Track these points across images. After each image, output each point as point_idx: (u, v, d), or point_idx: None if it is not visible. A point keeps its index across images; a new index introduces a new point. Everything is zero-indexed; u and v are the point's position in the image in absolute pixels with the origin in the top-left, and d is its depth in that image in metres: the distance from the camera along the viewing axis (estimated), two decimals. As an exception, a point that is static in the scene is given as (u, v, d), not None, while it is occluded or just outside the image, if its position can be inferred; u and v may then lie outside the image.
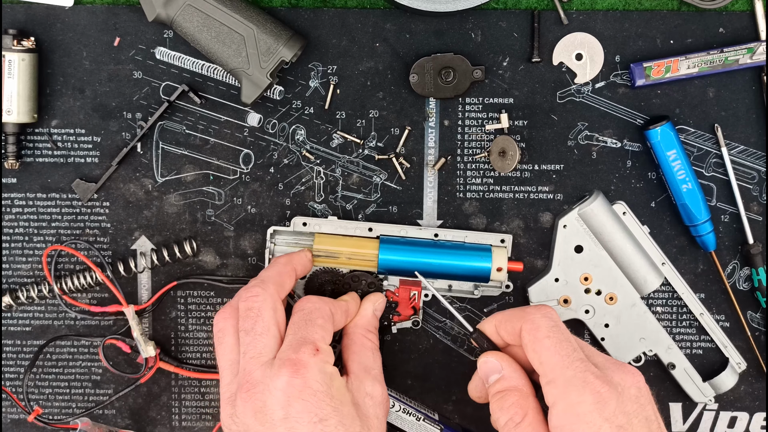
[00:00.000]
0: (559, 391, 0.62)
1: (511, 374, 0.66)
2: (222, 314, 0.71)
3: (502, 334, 0.69)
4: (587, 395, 0.61)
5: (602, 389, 0.61)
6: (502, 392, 0.66)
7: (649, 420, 0.62)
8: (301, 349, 0.65)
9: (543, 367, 0.64)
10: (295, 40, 0.76)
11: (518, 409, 0.64)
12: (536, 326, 0.65)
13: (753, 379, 0.83)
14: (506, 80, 0.80)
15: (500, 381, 0.66)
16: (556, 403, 0.62)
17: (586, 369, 0.62)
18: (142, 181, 0.81)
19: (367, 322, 0.75)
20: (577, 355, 0.63)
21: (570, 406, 0.61)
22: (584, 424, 0.60)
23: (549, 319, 0.66)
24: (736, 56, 0.78)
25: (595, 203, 0.79)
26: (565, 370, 0.62)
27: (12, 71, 0.77)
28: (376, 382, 0.70)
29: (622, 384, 0.63)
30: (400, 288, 0.80)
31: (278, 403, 0.63)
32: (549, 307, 0.67)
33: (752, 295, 0.82)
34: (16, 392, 0.83)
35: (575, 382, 0.62)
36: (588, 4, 0.79)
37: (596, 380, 0.62)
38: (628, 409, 0.61)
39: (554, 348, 0.64)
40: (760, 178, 0.81)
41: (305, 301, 0.71)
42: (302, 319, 0.69)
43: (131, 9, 0.79)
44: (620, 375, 0.63)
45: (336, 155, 0.81)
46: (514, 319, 0.67)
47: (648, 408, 0.63)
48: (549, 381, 0.63)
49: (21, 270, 0.82)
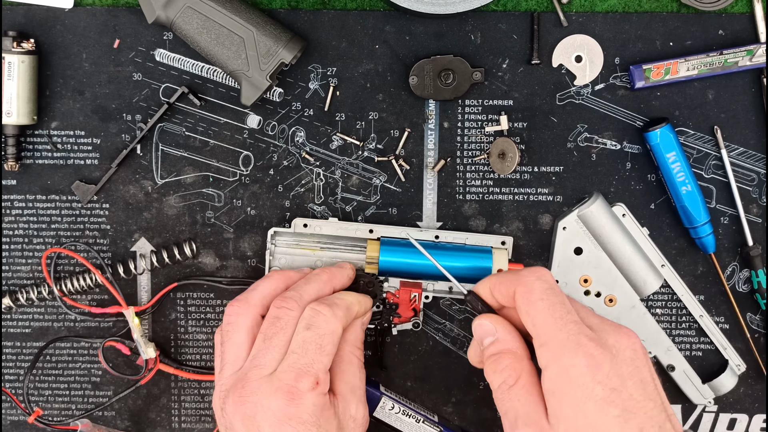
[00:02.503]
0: (551, 354, 0.61)
1: (505, 336, 0.65)
2: (235, 308, 0.71)
3: (497, 297, 0.67)
4: (580, 358, 0.60)
5: (595, 351, 0.60)
6: (496, 355, 0.65)
7: (645, 382, 0.61)
8: (302, 380, 0.65)
9: (536, 330, 0.62)
10: (294, 42, 0.76)
11: (511, 372, 0.63)
12: (530, 289, 0.64)
13: (752, 381, 0.83)
14: (506, 82, 0.80)
15: (494, 344, 0.65)
16: (548, 366, 0.61)
17: (580, 331, 0.61)
18: (141, 182, 0.81)
19: (355, 337, 0.73)
20: (570, 318, 0.62)
21: (562, 368, 0.60)
22: (576, 387, 0.59)
23: (543, 281, 0.64)
24: (736, 58, 0.78)
25: (594, 205, 0.79)
26: (558, 333, 0.61)
27: (12, 73, 0.77)
28: (360, 404, 0.70)
29: (616, 346, 0.61)
30: (401, 290, 0.80)
31: (267, 422, 0.64)
32: (544, 269, 0.66)
33: (752, 297, 0.82)
34: (16, 394, 0.83)
35: (568, 344, 0.60)
36: (587, 6, 0.79)
37: (589, 342, 0.60)
38: (622, 372, 0.60)
39: (548, 310, 0.62)
40: (760, 180, 0.81)
41: (324, 318, 0.69)
42: (314, 341, 0.67)
43: (131, 11, 0.79)
44: (615, 337, 0.62)
45: (336, 157, 0.81)
46: (509, 281, 0.66)
47: (644, 370, 0.62)
48: (542, 343, 0.62)
49: (21, 272, 0.82)
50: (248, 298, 0.72)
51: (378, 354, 0.83)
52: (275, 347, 0.68)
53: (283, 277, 0.74)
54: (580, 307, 0.66)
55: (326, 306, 0.69)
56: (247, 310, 0.71)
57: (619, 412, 0.58)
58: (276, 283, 0.73)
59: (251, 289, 0.73)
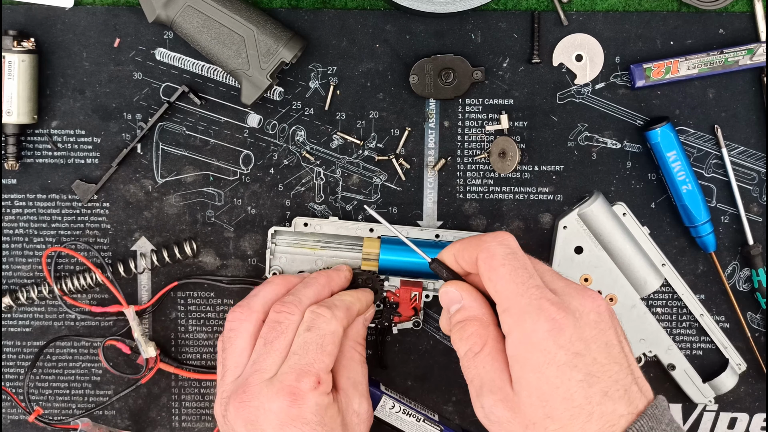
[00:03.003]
0: (514, 320, 0.59)
1: (471, 303, 0.64)
2: (237, 314, 0.71)
3: (461, 263, 0.66)
4: (542, 322, 0.58)
5: (557, 315, 0.58)
6: (462, 322, 0.63)
7: (609, 345, 0.59)
8: (304, 380, 0.65)
9: (498, 296, 0.61)
10: (295, 41, 0.76)
11: (477, 339, 0.62)
12: (492, 254, 0.62)
13: (753, 380, 0.83)
14: (506, 81, 0.80)
15: (460, 311, 0.64)
16: (511, 332, 0.60)
17: (542, 296, 0.60)
18: (142, 182, 0.81)
19: (356, 333, 0.74)
20: (532, 282, 0.60)
21: (525, 334, 0.59)
22: (538, 352, 0.58)
23: (505, 246, 0.63)
24: (736, 57, 0.78)
25: (595, 204, 0.79)
26: (519, 298, 0.60)
27: (12, 72, 0.77)
28: (363, 399, 0.70)
29: (580, 309, 0.60)
30: (401, 289, 0.80)
31: (270, 424, 0.64)
32: (506, 234, 0.64)
33: (752, 296, 0.82)
34: (16, 393, 0.83)
35: (530, 309, 0.59)
36: (588, 5, 0.79)
37: (551, 306, 0.59)
38: (585, 335, 0.59)
39: (509, 276, 0.61)
40: (760, 179, 0.81)
41: (324, 320, 0.69)
42: (315, 341, 0.68)
43: (131, 10, 0.79)
44: (579, 300, 0.60)
45: (336, 156, 0.81)
46: (471, 247, 0.64)
47: (609, 333, 0.60)
48: (504, 309, 0.60)
49: (21, 271, 0.82)
50: (250, 303, 0.72)
51: (378, 353, 0.83)
52: (276, 351, 0.68)
53: (284, 281, 0.74)
54: (546, 270, 0.64)
55: (326, 308, 0.70)
56: (249, 316, 0.71)
57: (582, 377, 0.57)
58: (277, 288, 0.73)
59: (252, 295, 0.73)
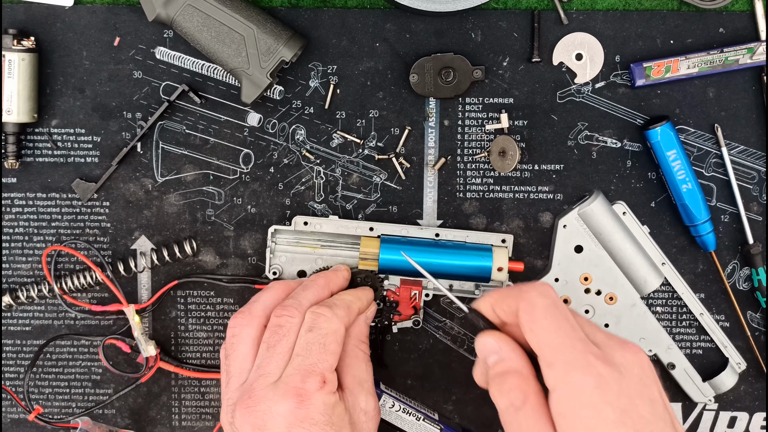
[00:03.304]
0: (559, 375, 0.58)
1: (510, 355, 0.62)
2: (239, 320, 0.71)
3: (499, 314, 0.64)
4: (588, 378, 0.57)
5: (603, 371, 0.57)
6: (501, 374, 0.61)
7: (654, 401, 0.59)
8: (309, 380, 0.65)
9: (542, 349, 0.60)
10: (295, 40, 0.76)
11: (519, 393, 0.60)
12: (533, 305, 0.61)
13: (753, 379, 0.83)
14: (506, 80, 0.80)
15: (499, 363, 0.62)
16: (556, 388, 0.58)
17: (587, 350, 0.59)
18: (142, 180, 0.81)
19: (359, 332, 0.74)
20: (576, 335, 0.60)
21: (571, 390, 0.57)
22: (586, 409, 0.57)
23: (546, 297, 0.61)
24: (736, 56, 0.78)
25: (595, 203, 0.79)
26: (564, 352, 0.59)
27: (12, 71, 0.77)
28: (370, 396, 0.70)
29: (624, 363, 0.59)
30: (401, 287, 0.80)
31: (279, 427, 0.64)
32: (546, 285, 0.63)
33: (752, 295, 0.82)
34: (16, 391, 0.83)
35: (576, 364, 0.58)
36: (588, 4, 0.79)
37: (597, 361, 0.58)
38: (631, 391, 0.58)
39: (553, 328, 0.60)
40: (760, 178, 0.81)
41: (325, 319, 0.69)
42: (317, 341, 0.67)
43: (131, 9, 0.79)
44: (622, 353, 0.60)
45: (336, 155, 0.81)
46: (510, 297, 0.63)
47: (652, 388, 0.60)
48: (549, 364, 0.59)
49: (21, 270, 0.82)
50: (251, 309, 0.72)
51: (378, 352, 0.83)
52: (279, 354, 0.67)
53: (284, 287, 0.74)
54: (585, 323, 0.63)
55: (326, 308, 0.70)
56: (251, 321, 0.70)
57: None
58: (278, 294, 0.73)
59: (253, 301, 0.73)
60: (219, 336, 0.84)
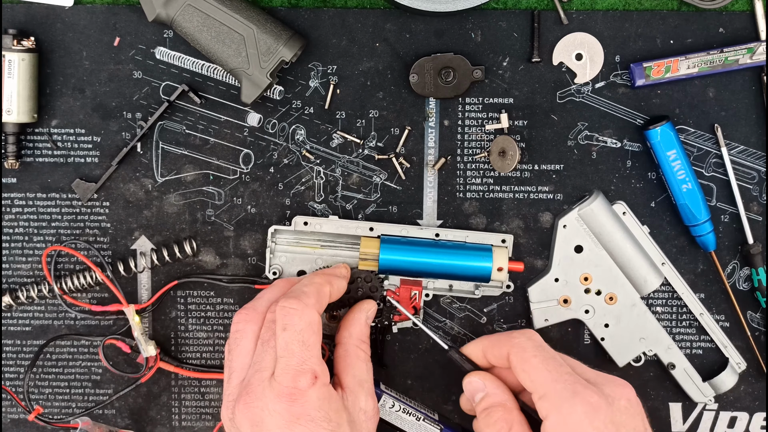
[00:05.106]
0: (550, 404, 0.65)
1: (494, 391, 0.70)
2: (243, 316, 0.71)
3: (490, 358, 0.72)
4: (578, 405, 0.63)
5: (592, 399, 0.64)
6: (487, 409, 0.69)
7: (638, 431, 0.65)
8: (300, 378, 0.65)
9: (534, 385, 0.66)
10: (295, 40, 0.76)
11: (504, 424, 0.67)
12: (522, 348, 0.68)
13: (753, 379, 0.83)
14: (506, 80, 0.80)
15: (485, 399, 0.70)
16: (548, 416, 0.64)
17: (576, 381, 0.65)
18: (142, 181, 0.81)
19: (359, 332, 0.74)
20: (564, 369, 0.66)
21: (562, 417, 0.64)
22: None
23: (533, 341, 0.69)
24: (736, 56, 0.78)
25: (595, 203, 0.79)
26: (555, 384, 0.65)
27: (12, 71, 0.77)
28: (369, 397, 0.70)
29: (612, 395, 0.65)
30: (401, 288, 0.80)
31: (276, 424, 0.64)
32: (532, 331, 0.71)
33: (752, 295, 0.82)
34: (16, 392, 0.83)
35: (565, 394, 0.64)
36: (588, 4, 0.79)
37: (586, 390, 0.64)
38: (617, 419, 0.64)
39: (542, 365, 0.67)
40: (760, 178, 0.81)
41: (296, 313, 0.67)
42: (295, 339, 0.66)
43: (131, 9, 0.79)
44: (610, 387, 0.66)
45: (336, 155, 0.81)
46: (500, 343, 0.70)
47: (638, 419, 0.65)
48: (541, 396, 0.65)
49: (21, 270, 0.82)
50: (255, 305, 0.72)
51: (378, 352, 0.83)
52: (272, 348, 0.68)
53: (288, 284, 0.74)
54: (575, 363, 0.70)
55: (294, 299, 0.68)
56: (255, 317, 0.71)
57: None
58: (282, 291, 0.73)
59: (257, 298, 0.73)
60: (219, 336, 0.84)
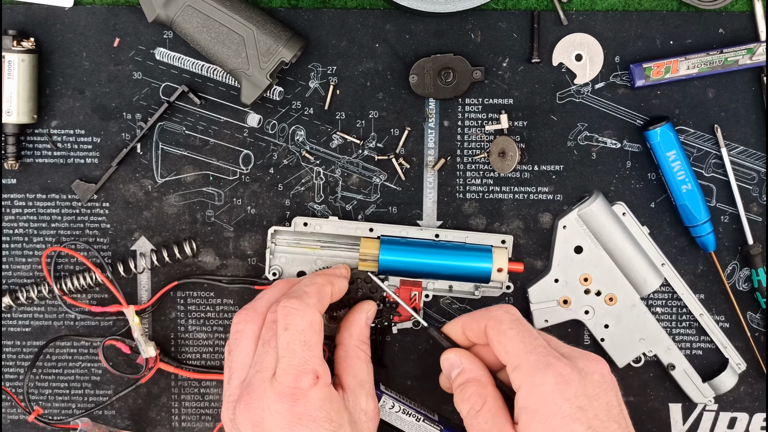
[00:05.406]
0: (523, 375, 0.65)
1: (469, 367, 0.70)
2: (243, 316, 0.71)
3: (468, 335, 0.71)
4: (550, 376, 0.64)
5: (564, 371, 0.64)
6: (462, 384, 0.69)
7: (610, 405, 0.65)
8: (302, 379, 0.65)
9: (508, 356, 0.67)
10: (294, 41, 0.76)
11: (477, 398, 0.67)
12: (499, 320, 0.69)
13: (753, 379, 0.83)
14: (506, 81, 0.80)
15: (460, 374, 0.70)
16: (521, 387, 0.65)
17: (549, 353, 0.65)
18: (141, 181, 0.81)
19: (360, 333, 0.74)
20: (538, 342, 0.67)
21: (534, 387, 0.64)
22: (546, 404, 0.63)
23: (510, 314, 0.69)
24: (736, 57, 0.78)
25: (594, 204, 0.79)
26: (528, 356, 0.65)
27: (12, 72, 0.77)
28: (370, 397, 0.71)
29: (585, 369, 0.65)
30: (401, 288, 0.80)
31: (277, 425, 0.64)
32: (510, 305, 0.71)
33: (752, 295, 0.82)
34: (16, 392, 0.83)
35: (538, 365, 0.64)
36: (588, 4, 0.79)
37: (558, 362, 0.64)
38: (589, 392, 0.64)
39: (517, 337, 0.67)
40: (760, 178, 0.81)
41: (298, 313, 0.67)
42: (297, 339, 0.66)
43: (131, 10, 0.79)
44: (584, 362, 0.66)
45: (336, 156, 0.81)
46: (478, 318, 0.70)
47: (610, 394, 0.65)
48: (515, 367, 0.66)
49: (21, 271, 0.82)
50: (255, 306, 0.72)
51: (378, 353, 0.83)
52: (273, 349, 0.68)
53: (288, 285, 0.74)
54: (551, 338, 0.70)
55: (295, 299, 0.68)
56: (255, 318, 0.71)
57: (583, 430, 0.62)
58: (282, 291, 0.73)
59: (258, 298, 0.73)
60: (219, 337, 0.84)
